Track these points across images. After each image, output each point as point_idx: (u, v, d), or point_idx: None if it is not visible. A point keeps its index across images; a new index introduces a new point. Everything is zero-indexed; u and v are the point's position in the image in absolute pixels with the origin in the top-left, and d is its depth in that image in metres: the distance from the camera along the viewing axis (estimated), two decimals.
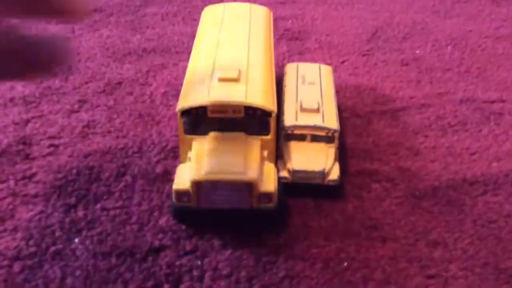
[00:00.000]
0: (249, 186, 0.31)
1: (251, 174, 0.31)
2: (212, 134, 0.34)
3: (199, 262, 0.32)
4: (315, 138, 0.37)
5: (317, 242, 0.33)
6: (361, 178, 0.39)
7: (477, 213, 0.36)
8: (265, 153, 0.34)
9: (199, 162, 0.32)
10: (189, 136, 0.34)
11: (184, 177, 0.32)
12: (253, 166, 0.32)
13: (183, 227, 0.34)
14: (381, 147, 0.42)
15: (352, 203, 0.37)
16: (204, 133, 0.34)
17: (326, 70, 0.45)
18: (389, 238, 0.34)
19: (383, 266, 0.32)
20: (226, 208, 0.32)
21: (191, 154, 0.33)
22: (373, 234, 0.34)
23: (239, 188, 0.31)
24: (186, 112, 0.33)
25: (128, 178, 0.38)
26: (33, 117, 0.45)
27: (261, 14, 0.45)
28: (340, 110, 0.47)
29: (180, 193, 0.32)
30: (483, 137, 0.44)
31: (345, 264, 0.32)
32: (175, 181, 0.33)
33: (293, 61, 0.55)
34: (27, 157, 0.40)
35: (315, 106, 0.38)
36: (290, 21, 0.64)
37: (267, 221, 0.34)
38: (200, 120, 0.33)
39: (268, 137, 0.34)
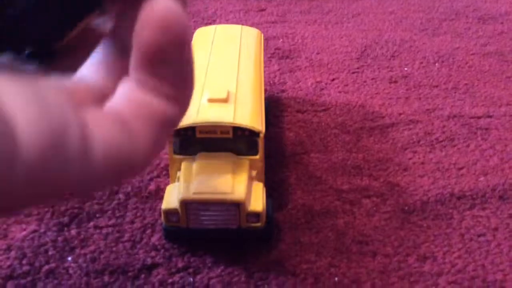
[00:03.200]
0: (237, 206, 0.32)
1: (239, 194, 0.32)
2: (200, 154, 0.34)
3: (191, 279, 0.32)
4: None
5: (308, 258, 0.34)
6: (352, 194, 0.39)
7: (465, 227, 0.37)
8: (254, 173, 0.34)
9: (187, 182, 0.33)
10: (178, 156, 0.34)
11: (173, 197, 0.33)
12: (241, 186, 0.32)
13: (176, 244, 0.34)
14: (371, 163, 0.43)
15: (343, 218, 0.37)
16: (193, 153, 0.34)
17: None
18: (380, 253, 0.34)
19: (374, 281, 0.32)
20: (215, 228, 0.33)
21: (180, 174, 0.34)
22: (364, 249, 0.35)
23: (227, 208, 0.32)
24: (175, 133, 0.34)
25: (121, 196, 0.39)
26: None
27: (252, 36, 0.46)
28: (330, 127, 0.48)
29: (169, 213, 0.32)
30: (470, 152, 0.45)
31: (336, 279, 0.33)
32: (164, 201, 0.33)
33: (284, 80, 0.56)
34: None
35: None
36: (281, 40, 0.65)
37: (256, 241, 0.34)
38: (189, 140, 0.34)
39: (257, 157, 0.34)
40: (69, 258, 0.33)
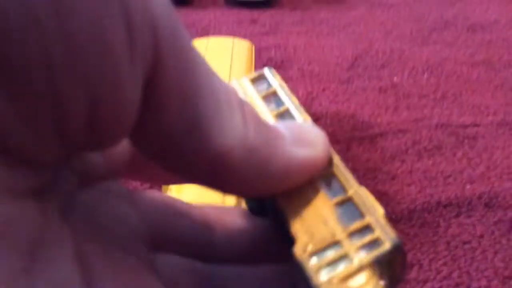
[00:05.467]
0: None
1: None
2: None
3: None
4: None
5: None
6: None
7: (451, 235, 0.37)
8: None
9: None
10: None
11: None
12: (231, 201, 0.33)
13: None
14: (360, 172, 0.44)
15: None
16: None
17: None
18: None
19: None
20: None
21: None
22: None
23: None
24: None
25: None
26: None
27: (243, 48, 0.47)
28: None
29: None
30: (457, 160, 0.46)
31: None
32: None
33: None
34: None
35: None
36: (273, 51, 0.66)
37: None
38: None
39: None
40: None
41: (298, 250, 0.15)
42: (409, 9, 0.81)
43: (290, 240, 0.16)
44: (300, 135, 0.15)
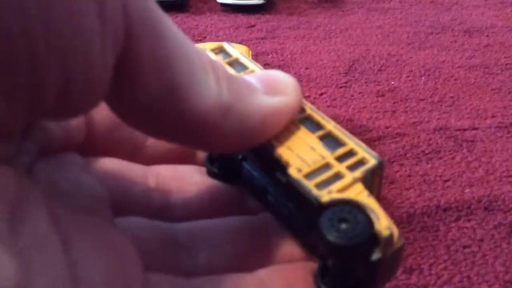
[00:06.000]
0: None
1: None
2: None
3: None
4: None
5: None
6: None
7: (451, 239, 0.37)
8: None
9: None
10: None
11: None
12: None
13: None
14: None
15: None
16: None
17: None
18: None
19: None
20: None
21: None
22: None
23: None
24: None
25: None
26: None
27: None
28: None
29: None
30: (456, 164, 0.45)
31: None
32: None
33: None
34: None
35: None
36: (270, 55, 0.66)
37: None
38: None
39: None
40: None
41: (293, 172, 0.16)
42: (405, 13, 0.81)
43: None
44: (271, 83, 0.16)
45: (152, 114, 0.13)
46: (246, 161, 0.18)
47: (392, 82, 0.59)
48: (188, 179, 0.18)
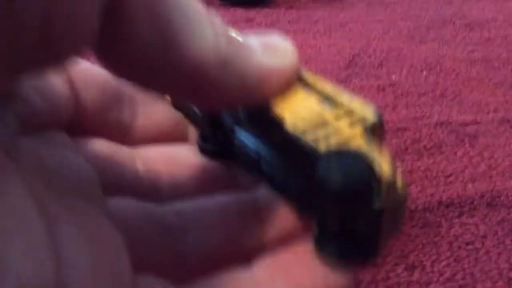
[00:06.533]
0: None
1: None
2: None
3: None
4: None
5: None
6: None
7: (454, 235, 0.37)
8: None
9: None
10: None
11: None
12: None
13: None
14: None
15: None
16: None
17: None
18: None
19: None
20: None
21: None
22: None
23: None
24: None
25: None
26: None
27: None
28: None
29: None
30: (458, 159, 0.45)
31: None
32: None
33: None
34: None
35: None
36: None
37: None
38: None
39: None
40: None
41: (290, 127, 0.16)
42: (406, 7, 0.80)
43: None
44: (269, 45, 0.16)
45: (146, 63, 0.12)
46: (240, 127, 0.18)
47: (393, 77, 0.59)
48: (178, 159, 0.18)
